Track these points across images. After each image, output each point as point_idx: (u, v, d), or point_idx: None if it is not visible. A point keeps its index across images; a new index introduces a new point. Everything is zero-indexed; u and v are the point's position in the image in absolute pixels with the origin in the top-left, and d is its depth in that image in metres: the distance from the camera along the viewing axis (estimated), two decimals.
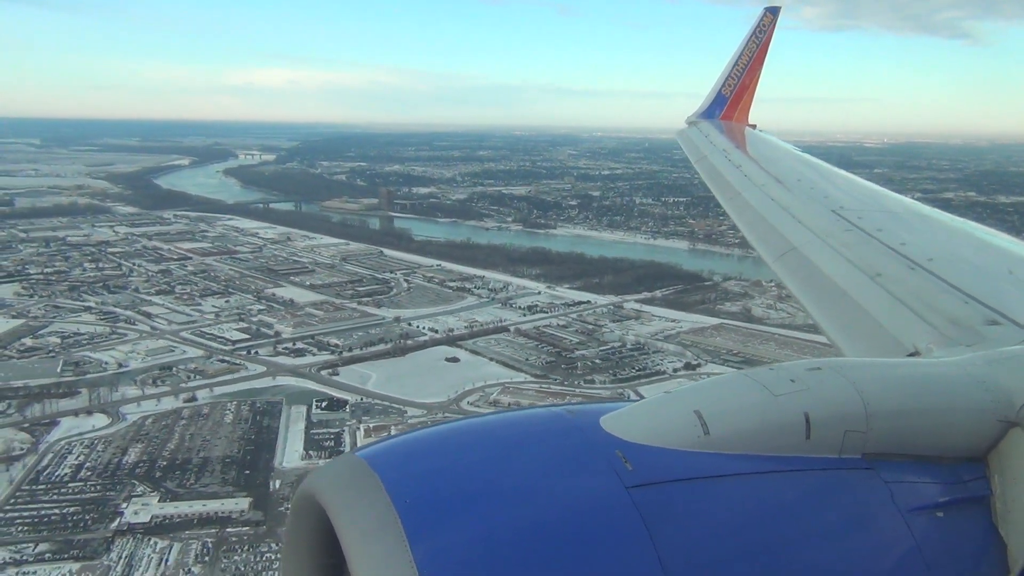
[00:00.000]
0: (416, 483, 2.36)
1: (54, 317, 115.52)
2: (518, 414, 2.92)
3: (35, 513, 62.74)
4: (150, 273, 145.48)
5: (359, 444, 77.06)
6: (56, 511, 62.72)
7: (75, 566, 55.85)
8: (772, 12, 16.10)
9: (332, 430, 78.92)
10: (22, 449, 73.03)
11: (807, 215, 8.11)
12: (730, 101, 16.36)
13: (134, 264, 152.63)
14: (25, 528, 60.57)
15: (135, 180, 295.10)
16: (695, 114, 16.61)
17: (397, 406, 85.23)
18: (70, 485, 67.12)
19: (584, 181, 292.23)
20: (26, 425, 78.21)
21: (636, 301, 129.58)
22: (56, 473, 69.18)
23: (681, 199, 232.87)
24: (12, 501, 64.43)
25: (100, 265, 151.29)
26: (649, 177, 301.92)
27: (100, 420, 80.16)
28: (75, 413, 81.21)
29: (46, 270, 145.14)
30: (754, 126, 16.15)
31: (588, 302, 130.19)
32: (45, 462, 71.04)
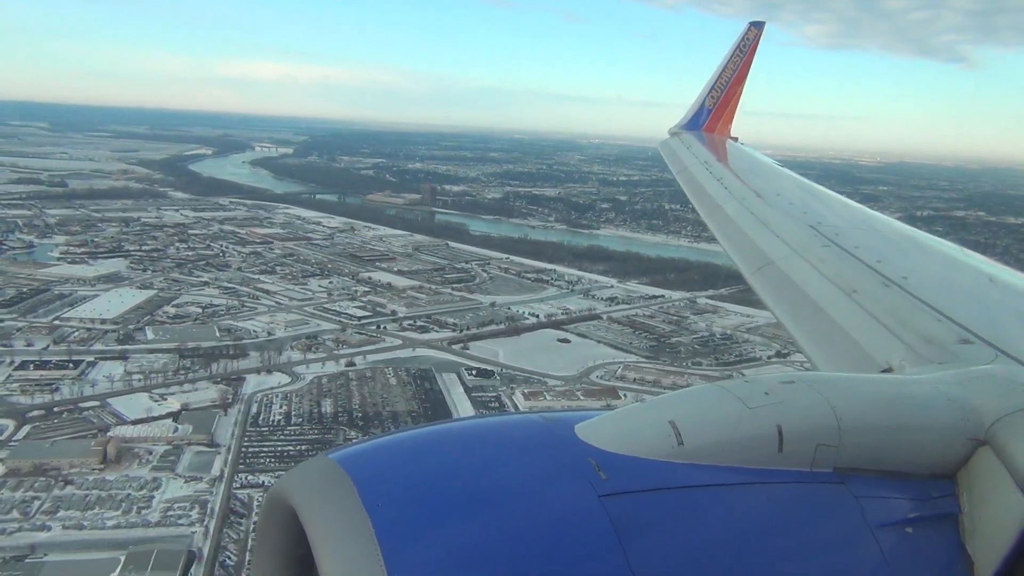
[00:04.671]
0: (388, 487, 2.37)
1: (179, 290, 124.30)
2: (493, 420, 2.98)
3: (273, 448, 72.34)
4: (243, 254, 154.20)
5: (519, 407, 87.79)
6: (291, 448, 72.30)
7: None
8: (757, 27, 16.29)
9: (489, 394, 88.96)
10: (228, 399, 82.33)
11: (785, 229, 8.14)
12: (713, 113, 16.55)
13: (222, 246, 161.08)
14: (273, 460, 70.14)
15: (171, 167, 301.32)
16: (678, 125, 16.79)
17: (536, 377, 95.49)
18: (288, 428, 76.87)
19: (607, 186, 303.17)
20: (218, 380, 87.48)
21: (707, 297, 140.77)
22: (270, 419, 78.85)
23: None
24: (247, 440, 73.96)
25: (191, 245, 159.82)
26: (668, 184, 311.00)
27: (281, 378, 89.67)
28: (257, 371, 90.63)
29: (143, 248, 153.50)
30: (736, 139, 16.33)
31: (662, 296, 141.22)
32: (254, 410, 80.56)
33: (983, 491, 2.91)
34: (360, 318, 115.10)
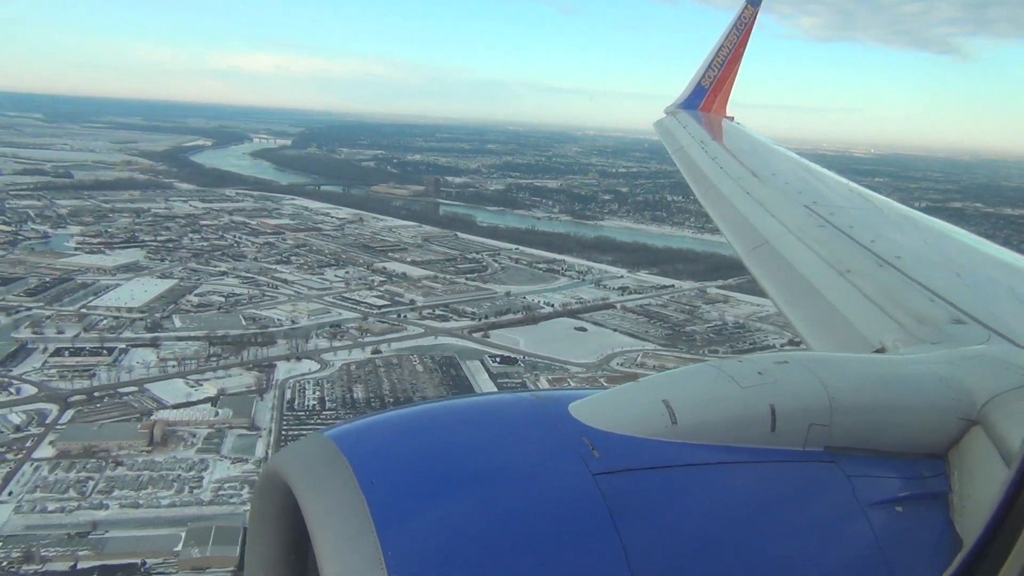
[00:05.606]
0: (384, 466, 2.37)
1: (199, 279, 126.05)
2: (487, 399, 2.96)
3: (312, 431, 74.24)
4: (257, 244, 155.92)
5: (539, 389, 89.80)
6: None
7: None
8: (754, 5, 16.09)
9: (514, 380, 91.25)
10: (263, 385, 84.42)
11: (780, 209, 8.13)
12: (709, 92, 16.43)
13: (235, 236, 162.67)
14: None
15: (173, 158, 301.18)
16: (674, 104, 16.64)
17: (557, 364, 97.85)
18: (324, 413, 79.05)
19: (607, 177, 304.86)
20: (250, 367, 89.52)
21: (717, 287, 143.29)
22: (305, 404, 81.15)
23: None
24: (285, 424, 76.13)
25: (204, 235, 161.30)
26: (668, 176, 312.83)
27: (311, 365, 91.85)
28: (286, 359, 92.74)
29: (158, 238, 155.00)
30: (732, 118, 16.26)
31: (672, 286, 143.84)
32: (289, 395, 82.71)
33: (973, 470, 2.92)
34: (380, 307, 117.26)
